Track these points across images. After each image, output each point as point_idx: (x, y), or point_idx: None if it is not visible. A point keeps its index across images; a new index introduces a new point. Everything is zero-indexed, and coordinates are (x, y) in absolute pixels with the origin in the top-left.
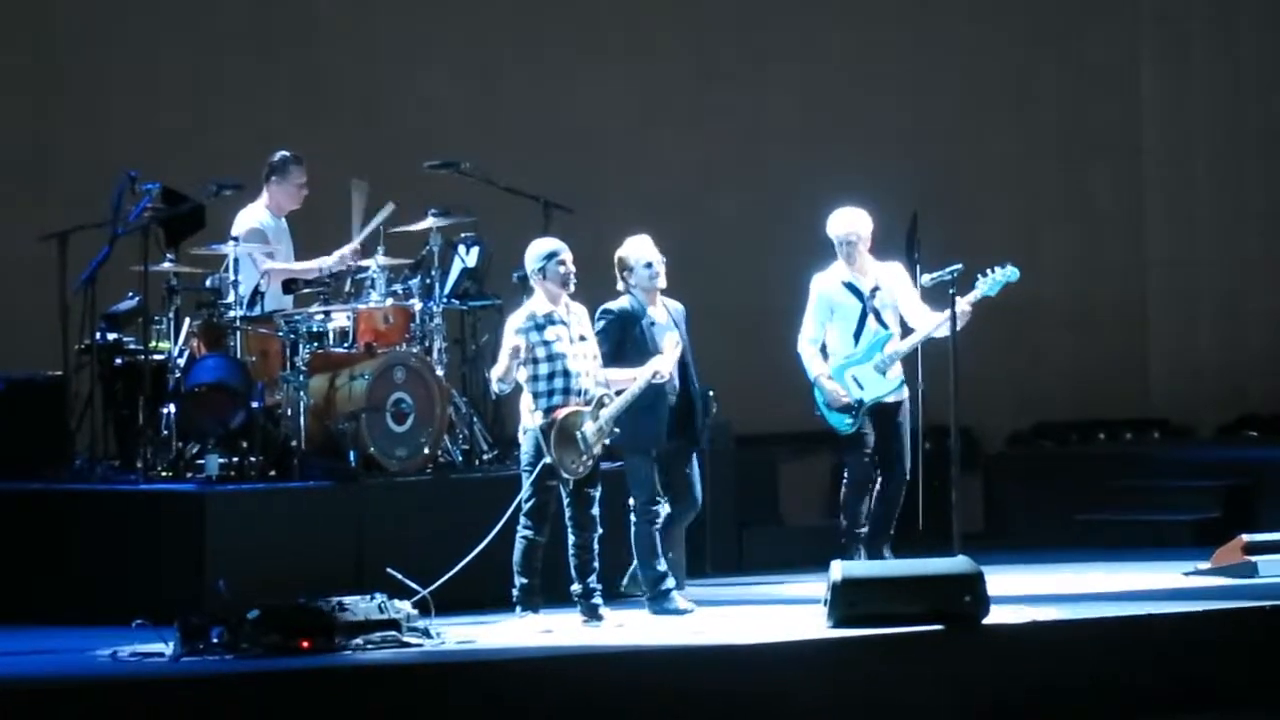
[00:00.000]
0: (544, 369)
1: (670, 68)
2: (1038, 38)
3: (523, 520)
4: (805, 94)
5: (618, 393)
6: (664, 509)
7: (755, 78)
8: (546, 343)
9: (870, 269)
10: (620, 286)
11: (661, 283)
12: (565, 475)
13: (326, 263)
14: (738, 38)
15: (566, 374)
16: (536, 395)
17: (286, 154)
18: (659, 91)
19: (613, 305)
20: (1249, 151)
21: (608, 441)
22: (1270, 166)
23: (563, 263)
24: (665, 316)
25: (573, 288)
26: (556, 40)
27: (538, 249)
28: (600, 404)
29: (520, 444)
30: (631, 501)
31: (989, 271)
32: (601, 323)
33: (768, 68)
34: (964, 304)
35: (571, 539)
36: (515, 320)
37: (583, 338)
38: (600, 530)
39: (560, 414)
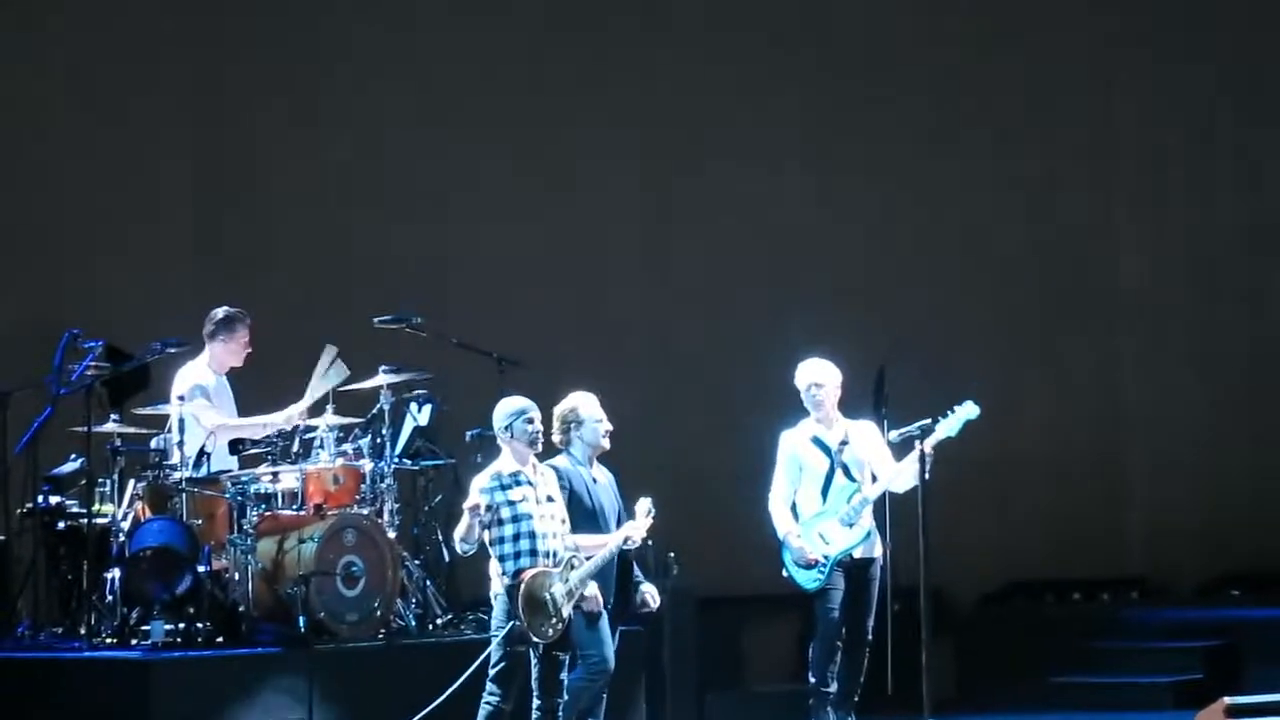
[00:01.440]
0: (509, 530)
1: (625, 225)
2: (1010, 185)
3: (489, 686)
4: (771, 244)
5: (587, 557)
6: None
7: (711, 235)
8: (512, 503)
9: (840, 423)
10: (559, 442)
11: (607, 444)
12: (534, 639)
13: (275, 419)
14: (693, 188)
15: (533, 535)
16: (503, 558)
17: (231, 311)
18: (617, 241)
19: (555, 464)
20: (1225, 304)
21: (580, 605)
22: (1249, 321)
23: (530, 421)
24: (605, 477)
25: (540, 447)
26: (505, 188)
27: (506, 407)
28: (570, 565)
29: (492, 607)
30: (582, 661)
31: (949, 411)
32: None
33: (732, 216)
34: (926, 446)
35: (536, 703)
36: (481, 480)
37: (550, 498)
38: (565, 697)
39: (527, 576)
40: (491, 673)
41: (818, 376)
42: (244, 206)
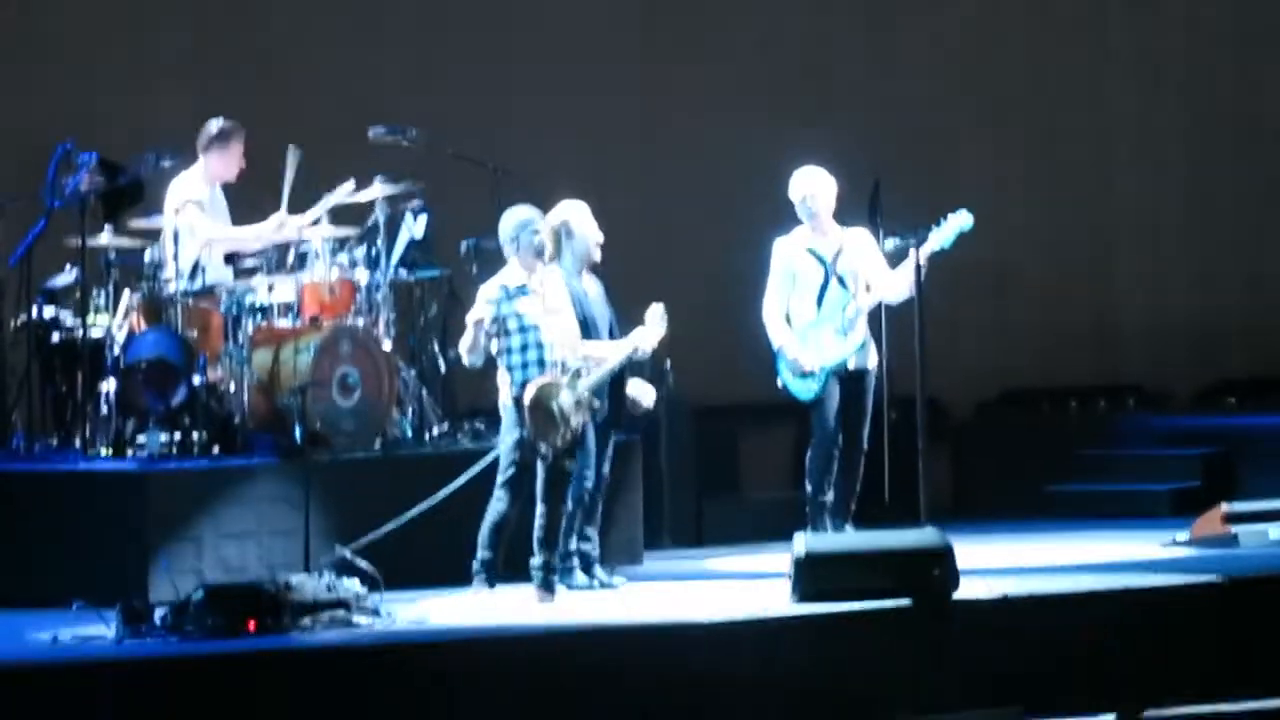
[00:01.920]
0: (517, 341)
1: (619, 33)
2: None
3: (498, 492)
4: (765, 56)
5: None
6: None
7: (710, 41)
8: (519, 314)
9: (834, 232)
10: (549, 252)
11: (597, 256)
12: (542, 448)
13: (264, 230)
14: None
15: (540, 345)
16: (511, 368)
17: (225, 124)
18: (608, 57)
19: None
20: (1223, 111)
21: (589, 415)
22: (1241, 128)
23: (537, 232)
24: (596, 289)
25: (547, 259)
26: (502, 9)
27: (511, 218)
28: (577, 375)
29: (491, 416)
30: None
31: (942, 220)
32: None
33: (724, 29)
34: (920, 257)
35: (540, 511)
36: (487, 290)
37: (558, 309)
38: (570, 506)
39: (534, 385)
40: (500, 479)
41: (812, 186)
42: (238, 21)
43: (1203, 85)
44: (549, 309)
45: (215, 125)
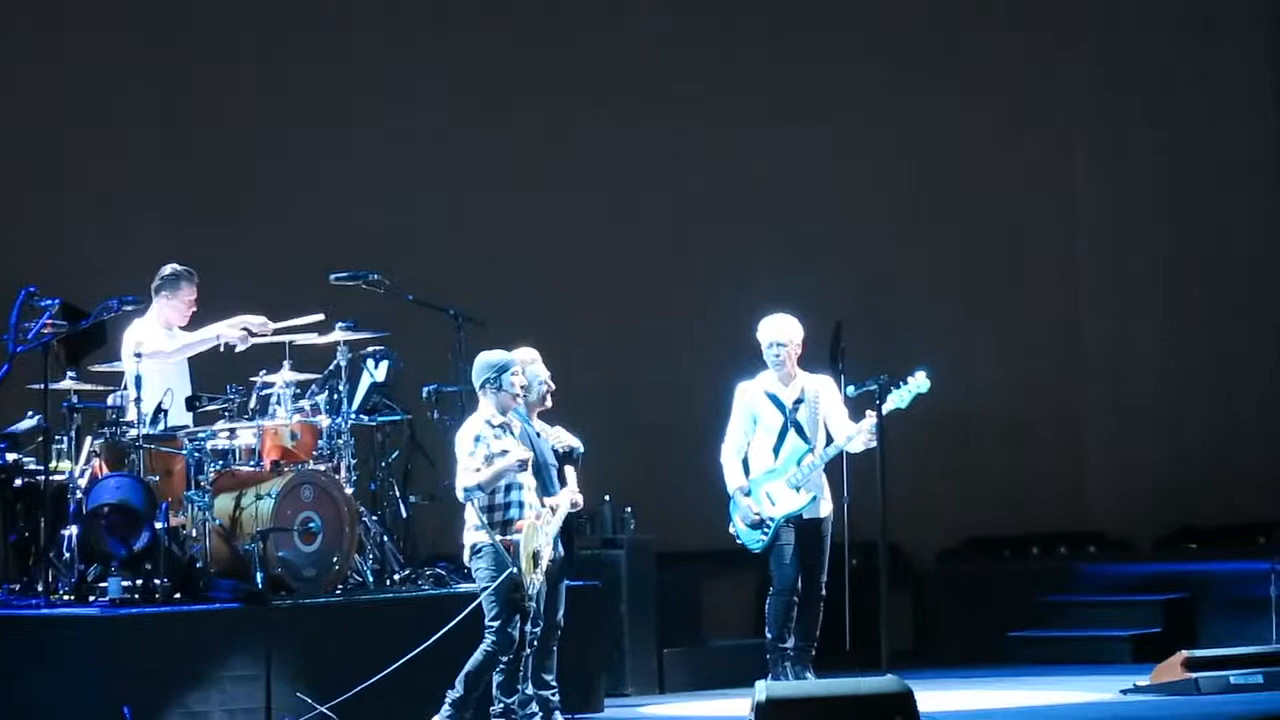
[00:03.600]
0: (503, 480)
1: (587, 172)
2: (974, 137)
3: (490, 637)
4: (728, 198)
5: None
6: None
7: (676, 181)
8: (505, 452)
9: (799, 379)
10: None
11: (549, 403)
12: (525, 589)
13: (223, 329)
14: (659, 139)
15: (520, 486)
16: (492, 508)
17: (178, 268)
18: (575, 198)
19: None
20: (1191, 256)
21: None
22: (1211, 273)
23: (518, 374)
24: (547, 429)
25: (522, 401)
26: (467, 151)
27: (490, 360)
28: (535, 531)
29: (470, 561)
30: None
31: (901, 383)
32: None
33: (689, 169)
34: (871, 421)
35: (496, 643)
36: (471, 428)
37: (525, 454)
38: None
39: (524, 526)
40: (495, 625)
41: (781, 334)
42: (209, 168)
43: (1173, 227)
44: (524, 451)
45: (166, 269)
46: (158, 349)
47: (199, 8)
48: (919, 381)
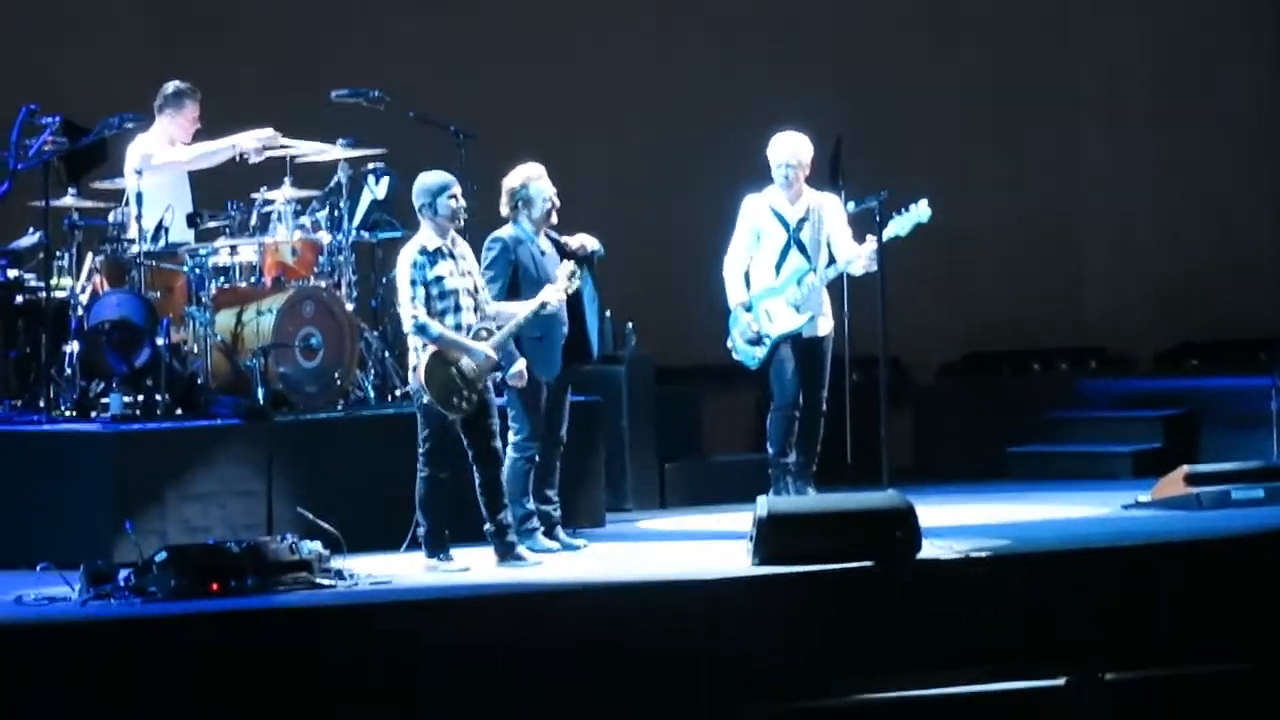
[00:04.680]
0: (436, 306)
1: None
2: None
3: (419, 461)
4: (723, 19)
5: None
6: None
7: (673, 5)
8: (439, 279)
9: (805, 198)
10: (505, 213)
11: (554, 219)
12: (448, 414)
13: (239, 139)
14: None
15: (458, 309)
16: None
17: (181, 85)
18: (569, 18)
19: (502, 234)
20: (1191, 71)
21: (496, 374)
22: (1208, 84)
23: (454, 197)
24: (552, 248)
25: (462, 222)
26: None
27: (426, 183)
28: (478, 336)
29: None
30: (511, 435)
31: (901, 211)
32: (492, 252)
33: None
34: (872, 244)
35: (476, 476)
36: (407, 255)
37: (468, 272)
38: (505, 463)
39: (433, 351)
40: (421, 448)
41: (793, 153)
42: None
43: (1165, 45)
44: (462, 272)
45: (170, 87)
46: (172, 159)
47: None
48: (920, 210)
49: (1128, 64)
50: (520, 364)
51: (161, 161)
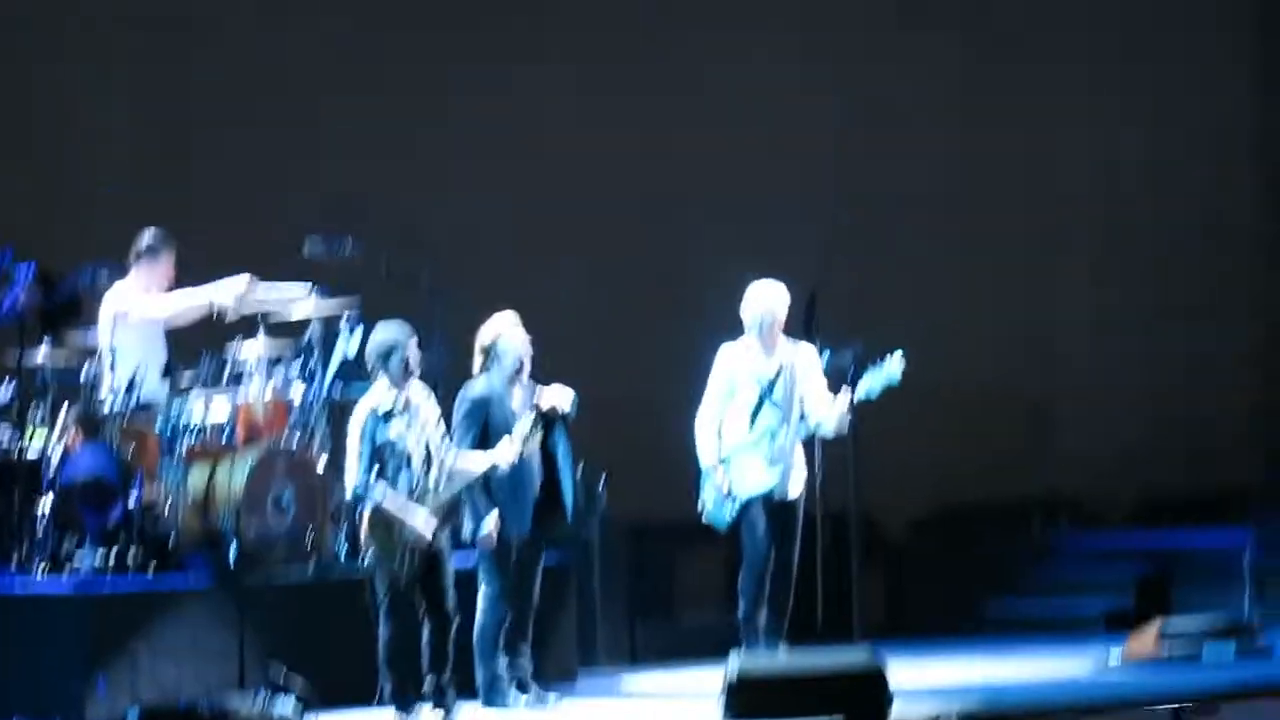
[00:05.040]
0: (390, 467)
1: (556, 147)
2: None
3: (376, 619)
4: (697, 169)
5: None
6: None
7: (645, 152)
8: (390, 441)
9: (780, 350)
10: (477, 368)
11: (525, 377)
12: (394, 571)
13: (216, 293)
14: (627, 107)
15: (410, 469)
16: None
17: (156, 236)
18: (541, 167)
19: (473, 391)
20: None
21: (448, 530)
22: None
23: (406, 356)
24: (527, 400)
25: (415, 378)
26: (433, 119)
27: (377, 340)
28: (426, 492)
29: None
30: (481, 593)
31: (874, 364)
32: (462, 409)
33: (657, 142)
34: (845, 402)
35: (424, 633)
36: (358, 415)
37: (424, 427)
38: (456, 621)
39: (372, 509)
40: (376, 607)
41: (770, 308)
42: (183, 132)
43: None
44: (418, 428)
45: (145, 238)
46: (149, 313)
47: None
48: (892, 368)
49: (1097, 220)
50: (489, 524)
51: (138, 316)
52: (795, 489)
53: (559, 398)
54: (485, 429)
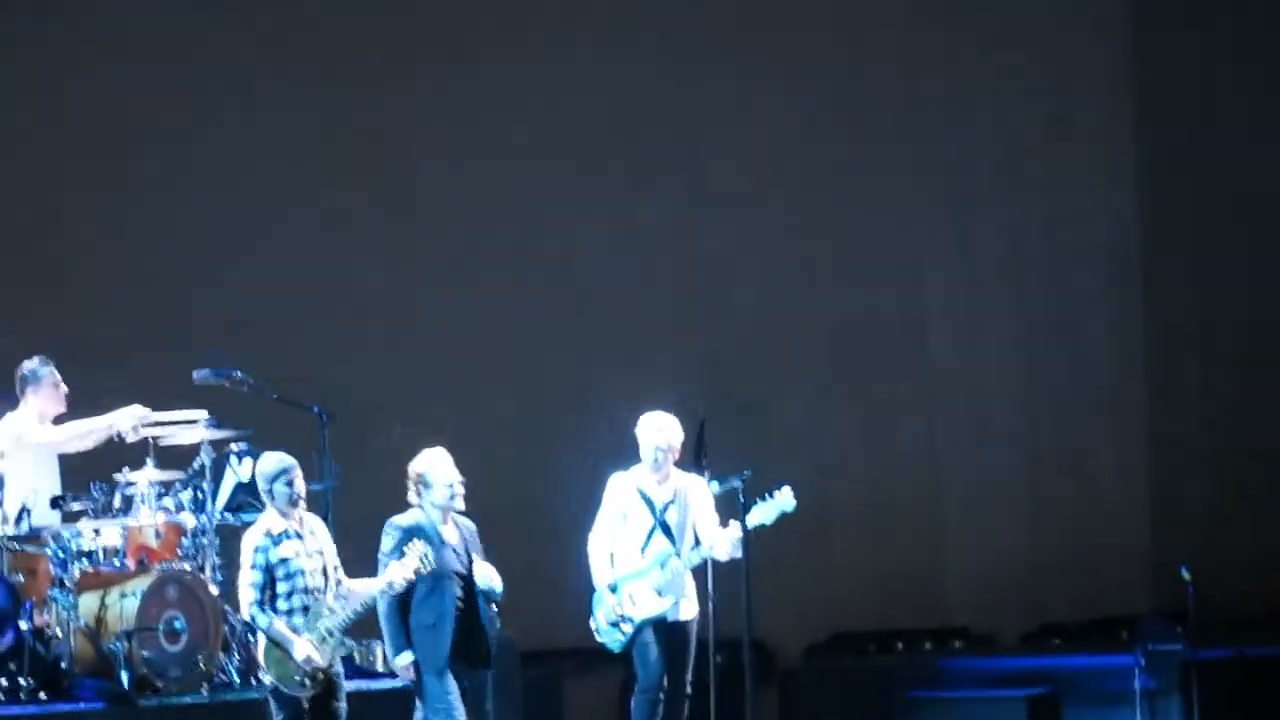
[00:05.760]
0: (283, 588)
1: (434, 267)
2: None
3: None
4: (582, 290)
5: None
6: None
7: (525, 270)
8: (284, 560)
9: (672, 480)
10: (412, 499)
11: (460, 505)
12: (288, 694)
13: (116, 419)
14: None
15: (307, 591)
16: (276, 615)
17: (30, 364)
18: (428, 287)
19: (402, 520)
20: (1037, 341)
21: (341, 654)
22: (1064, 360)
23: (290, 482)
24: (456, 535)
25: (304, 505)
26: (315, 231)
27: (264, 468)
28: (318, 615)
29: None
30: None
31: (766, 497)
32: (390, 538)
33: (538, 257)
34: (736, 531)
35: None
36: (250, 540)
37: (317, 552)
38: None
39: (272, 630)
40: None
41: (667, 438)
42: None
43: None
44: (310, 552)
45: (23, 368)
46: (49, 439)
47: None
48: (784, 499)
49: (983, 317)
50: (406, 656)
51: (38, 441)
52: (688, 613)
53: (492, 578)
54: None
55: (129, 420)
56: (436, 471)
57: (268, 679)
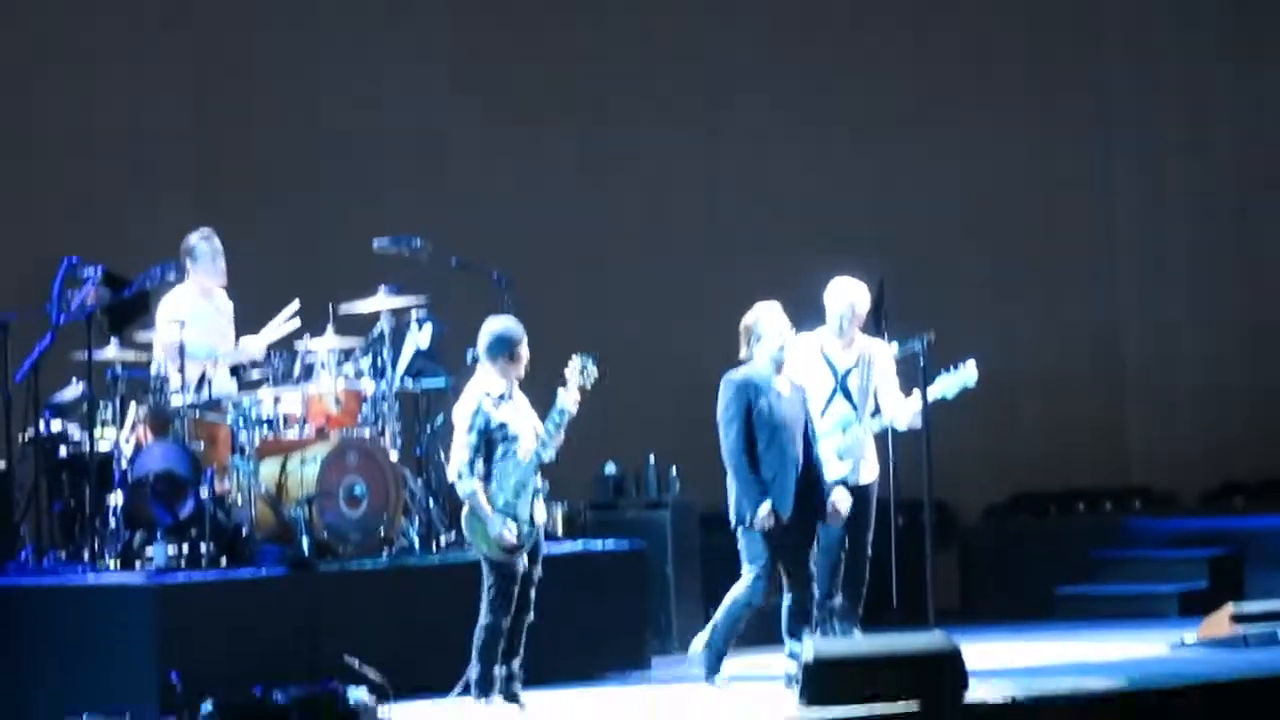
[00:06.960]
0: (499, 451)
1: (621, 135)
2: (1009, 95)
3: (482, 607)
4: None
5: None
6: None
7: (710, 135)
8: (503, 424)
9: (857, 345)
10: (743, 354)
11: (790, 359)
12: (496, 558)
13: (254, 351)
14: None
15: (517, 455)
16: (488, 478)
17: (195, 236)
18: (614, 157)
19: (735, 375)
20: (1224, 210)
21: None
22: (1244, 227)
23: (517, 351)
24: (789, 388)
25: (524, 373)
26: (504, 116)
27: (499, 331)
28: (527, 483)
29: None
30: (745, 571)
31: (950, 369)
32: (727, 393)
33: (723, 126)
34: (917, 402)
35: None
36: (469, 402)
37: (529, 415)
38: (532, 615)
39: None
40: (485, 596)
41: (853, 304)
42: (239, 134)
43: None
44: (524, 415)
45: (189, 239)
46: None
47: None
48: (967, 373)
49: (1164, 199)
50: (766, 505)
51: (164, 352)
52: (868, 476)
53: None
54: (749, 416)
55: (259, 350)
56: (767, 323)
57: (480, 548)
